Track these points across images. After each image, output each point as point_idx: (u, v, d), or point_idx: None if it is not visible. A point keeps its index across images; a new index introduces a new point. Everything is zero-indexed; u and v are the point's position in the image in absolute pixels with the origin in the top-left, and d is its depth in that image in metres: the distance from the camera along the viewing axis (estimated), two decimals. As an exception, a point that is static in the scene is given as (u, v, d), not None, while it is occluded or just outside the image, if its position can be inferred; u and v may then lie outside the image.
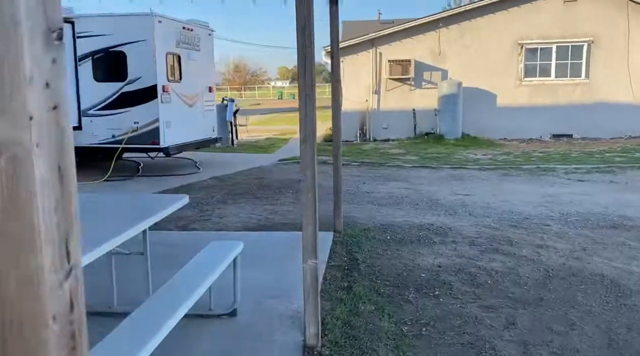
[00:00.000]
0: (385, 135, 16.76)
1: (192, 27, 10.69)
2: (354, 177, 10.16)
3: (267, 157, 13.28)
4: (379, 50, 16.49)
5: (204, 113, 11.34)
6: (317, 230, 3.38)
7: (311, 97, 3.23)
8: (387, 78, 16.46)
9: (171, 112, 9.92)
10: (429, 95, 16.44)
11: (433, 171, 10.83)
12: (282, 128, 23.13)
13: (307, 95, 3.21)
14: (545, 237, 6.07)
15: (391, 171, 10.85)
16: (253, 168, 11.19)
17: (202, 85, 11.24)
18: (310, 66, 3.20)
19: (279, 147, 15.98)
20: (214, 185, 9.31)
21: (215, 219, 6.94)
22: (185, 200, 4.06)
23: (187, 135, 10.54)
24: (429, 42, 16.34)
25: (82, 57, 9.63)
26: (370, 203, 7.87)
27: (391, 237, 6.03)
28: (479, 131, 16.02)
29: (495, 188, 8.90)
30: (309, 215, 3.30)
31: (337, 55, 5.77)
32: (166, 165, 11.68)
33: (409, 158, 12.92)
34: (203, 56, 11.26)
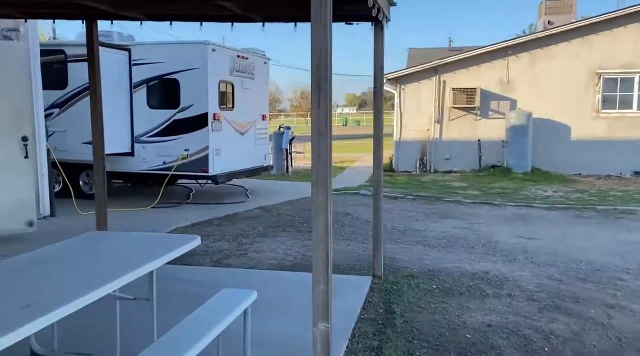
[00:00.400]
0: (447, 167, 15.99)
1: (247, 56, 10.58)
2: (407, 212, 9.54)
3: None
4: (443, 78, 15.85)
5: (256, 142, 11.14)
6: (331, 288, 2.88)
7: (326, 135, 2.79)
8: (451, 107, 15.77)
9: (222, 140, 9.76)
10: (496, 126, 15.57)
11: (495, 209, 10.02)
12: (342, 156, 22.77)
13: (321, 133, 2.77)
14: (619, 295, 5.23)
15: (449, 207, 10.13)
16: (303, 199, 10.80)
17: (255, 113, 11.08)
18: (326, 99, 2.76)
19: (335, 176, 15.56)
20: (259, 216, 8.99)
21: (252, 254, 6.56)
22: (196, 242, 3.69)
23: (238, 163, 10.34)
24: (497, 71, 15.54)
25: (138, 84, 9.69)
26: (419, 244, 7.25)
27: (438, 287, 5.39)
28: (551, 165, 14.93)
29: (564, 232, 8.01)
30: (319, 272, 2.82)
31: (381, 84, 5.30)
32: (217, 193, 11.54)
33: (470, 193, 12.12)
34: (257, 84, 11.12)
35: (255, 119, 11.11)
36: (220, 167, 9.71)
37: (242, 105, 10.50)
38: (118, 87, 9.49)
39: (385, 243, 7.18)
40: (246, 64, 10.58)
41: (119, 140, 9.60)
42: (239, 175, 10.55)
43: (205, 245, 6.91)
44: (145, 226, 7.93)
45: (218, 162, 9.62)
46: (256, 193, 11.65)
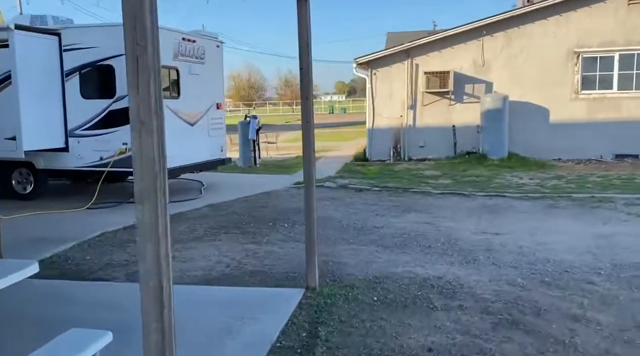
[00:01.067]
0: (421, 155, 15.26)
1: (194, 38, 9.73)
2: (369, 205, 8.80)
3: (285, 179, 12.11)
4: (415, 61, 15.07)
5: (209, 132, 10.32)
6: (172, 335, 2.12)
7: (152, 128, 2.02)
8: (423, 91, 15.00)
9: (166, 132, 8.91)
10: (470, 110, 14.84)
11: (464, 200, 9.31)
12: (320, 144, 21.97)
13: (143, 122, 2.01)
14: (586, 303, 4.54)
15: (414, 199, 9.41)
16: (260, 194, 10.04)
17: (207, 101, 10.25)
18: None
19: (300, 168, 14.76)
20: (204, 216, 8.21)
21: (178, 263, 5.78)
22: (32, 269, 2.91)
23: (186, 156, 9.52)
24: (471, 52, 14.78)
25: (69, 71, 8.82)
26: (373, 243, 6.51)
27: (379, 298, 4.66)
28: (528, 150, 14.25)
29: (534, 226, 7.32)
30: (150, 315, 2.05)
31: (307, 64, 4.52)
32: (170, 189, 10.69)
33: (441, 182, 11.40)
34: (209, 70, 10.27)
35: (207, 108, 10.28)
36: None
37: (189, 93, 9.67)
38: (46, 76, 8.64)
39: (335, 244, 6.47)
40: (194, 48, 9.73)
41: (50, 134, 8.76)
42: (188, 169, 9.74)
43: (128, 254, 6.13)
44: (67, 231, 7.13)
45: (161, 156, 8.78)
46: (213, 189, 10.86)
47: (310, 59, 4.54)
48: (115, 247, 6.41)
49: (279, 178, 12.51)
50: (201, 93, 10.02)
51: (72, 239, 6.64)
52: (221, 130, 10.82)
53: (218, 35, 10.73)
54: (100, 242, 6.64)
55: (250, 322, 4.04)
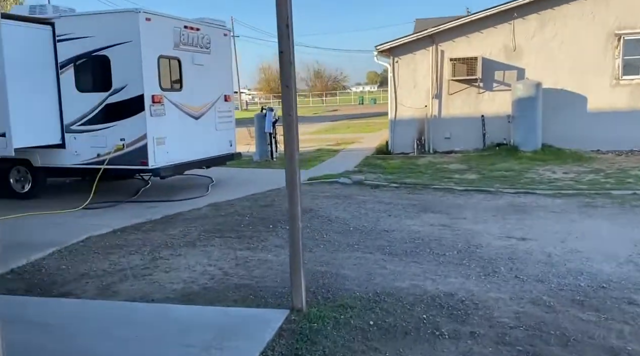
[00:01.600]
0: (447, 147, 14.38)
1: (198, 27, 9.13)
2: (382, 205, 8.07)
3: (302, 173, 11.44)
4: (440, 47, 14.15)
5: (216, 126, 9.74)
6: None
7: None
8: (449, 79, 14.09)
9: (165, 126, 8.39)
10: (501, 98, 13.87)
11: (489, 197, 8.48)
12: (343, 136, 21.29)
13: None
14: (627, 331, 3.76)
15: (434, 197, 8.63)
16: (268, 191, 9.41)
17: (214, 93, 9.66)
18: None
19: (323, 160, 14.11)
20: (203, 216, 7.63)
21: (159, 274, 5.21)
22: None
23: (190, 152, 8.98)
24: (502, 37, 13.77)
25: (64, 63, 8.35)
26: (380, 250, 5.80)
27: (377, 322, 3.97)
28: (564, 141, 13.22)
29: (566, 229, 6.47)
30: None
31: (287, 47, 3.83)
32: (174, 186, 10.20)
33: (466, 177, 10.55)
34: (216, 60, 9.67)
35: (214, 100, 9.70)
36: (164, 158, 8.36)
37: (193, 85, 9.10)
38: (39, 68, 8.18)
39: (338, 251, 5.80)
40: (197, 36, 9.14)
41: (45, 129, 8.32)
42: (192, 166, 9.19)
43: (109, 262, 5.59)
44: (53, 234, 6.65)
45: (160, 152, 8.27)
46: (221, 185, 10.30)
47: (291, 42, 3.85)
48: (98, 254, 5.88)
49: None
50: (207, 85, 9.44)
51: (54, 244, 6.14)
52: (230, 123, 10.23)
53: (226, 22, 10.11)
54: (83, 248, 6.12)
55: (215, 353, 3.41)
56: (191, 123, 9.09)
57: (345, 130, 25.10)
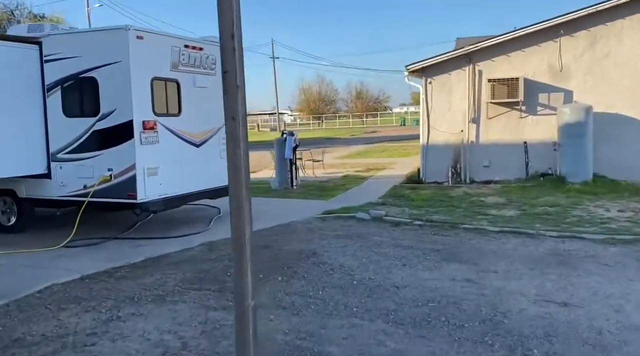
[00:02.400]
0: (486, 176, 13.07)
1: (200, 46, 8.33)
2: (400, 249, 6.92)
3: (316, 206, 10.44)
4: (478, 67, 12.95)
5: (221, 154, 8.85)
6: None
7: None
8: (488, 102, 12.84)
9: (159, 155, 7.56)
10: (545, 123, 12.52)
11: (528, 242, 7.20)
12: (375, 161, 20.18)
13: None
14: None
15: (463, 240, 7.42)
16: (276, 227, 8.43)
17: (218, 118, 8.76)
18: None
19: (347, 189, 13.05)
20: (190, 260, 6.68)
21: (104, 344, 4.24)
22: None
23: (190, 183, 8.12)
24: (546, 55, 12.47)
25: (51, 86, 7.66)
26: (382, 316, 4.67)
27: None
28: (619, 172, 11.72)
29: (622, 291, 5.18)
30: None
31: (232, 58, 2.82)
32: (174, 219, 9.34)
33: (504, 213, 9.27)
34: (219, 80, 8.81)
35: (220, 126, 8.83)
36: (156, 191, 7.50)
37: (194, 109, 8.27)
38: (23, 90, 7.52)
39: (331, 315, 4.75)
40: (200, 56, 8.33)
41: (29, 158, 7.62)
42: (191, 198, 8.32)
43: (56, 323, 4.68)
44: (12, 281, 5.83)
45: (152, 184, 7.42)
46: (227, 219, 9.37)
47: (238, 58, 2.84)
48: (49, 311, 4.99)
49: (310, 204, 10.86)
50: (210, 109, 8.58)
51: (4, 296, 5.30)
52: (238, 150, 9.32)
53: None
54: (37, 302, 5.25)
55: None
56: (191, 151, 8.24)
57: (379, 154, 23.98)
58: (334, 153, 25.51)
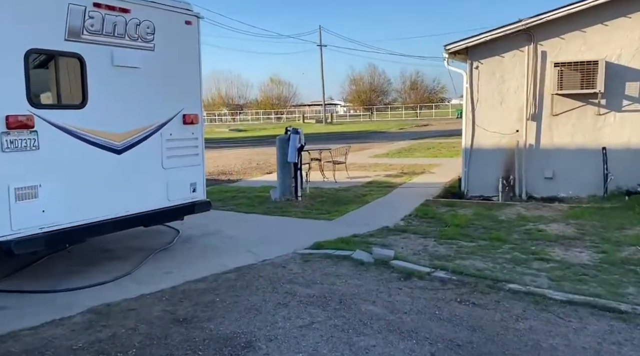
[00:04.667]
0: (549, 191, 9.92)
1: (124, 6, 5.72)
2: (399, 339, 4.08)
3: (311, 230, 7.74)
4: (541, 47, 9.78)
5: (163, 163, 6.28)
6: None
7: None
8: (554, 94, 9.67)
9: (40, 167, 5.04)
10: (634, 123, 9.25)
11: (620, 328, 4.20)
12: (414, 162, 17.15)
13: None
14: None
15: (505, 317, 4.48)
16: (228, 274, 5.77)
17: (159, 112, 6.22)
18: None
19: (366, 202, 10.22)
20: (45, 346, 4.10)
21: None
22: None
23: (102, 207, 5.59)
24: (636, 31, 9.17)
25: None
26: None
27: None
28: None
29: None
30: None
31: None
32: (111, 250, 6.83)
33: (573, 257, 6.21)
34: (166, 61, 6.24)
35: (160, 123, 6.25)
36: (35, 222, 4.99)
37: (111, 98, 5.70)
38: None
39: None
40: (124, 21, 5.75)
41: None
42: (106, 229, 5.75)
43: None
44: None
45: (26, 211, 4.91)
46: (183, 248, 6.80)
47: None
48: None
49: (304, 227, 8.16)
50: (144, 99, 6.00)
51: None
52: (193, 157, 6.71)
53: (191, 5, 6.63)
54: None
55: None
56: (106, 159, 5.67)
57: (423, 153, 20.85)
58: (371, 150, 22.62)
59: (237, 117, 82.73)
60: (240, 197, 11.01)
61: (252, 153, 22.26)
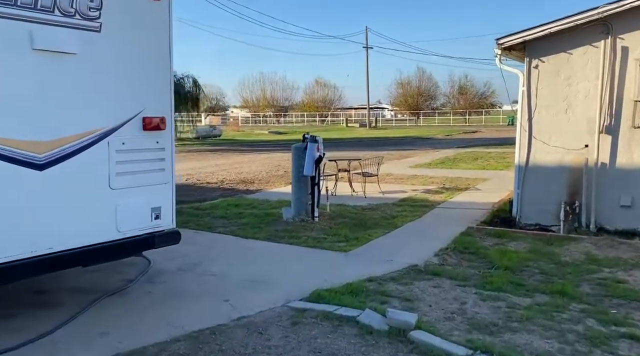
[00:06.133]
0: (626, 222, 7.87)
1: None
2: None
3: (317, 269, 6.09)
4: (621, 41, 7.76)
5: (110, 181, 4.74)
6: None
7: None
8: (636, 100, 7.64)
9: None
10: None
11: None
12: (457, 175, 15.19)
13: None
14: None
15: None
16: (187, 340, 4.15)
17: (103, 114, 4.69)
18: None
19: (396, 226, 8.47)
20: None
21: None
22: None
23: (7, 244, 4.06)
24: None
25: None
26: None
27: None
28: None
29: None
30: None
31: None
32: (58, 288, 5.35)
33: (680, 339, 4.28)
34: (119, 46, 4.72)
35: (107, 129, 4.71)
36: None
37: (30, 95, 4.21)
38: None
39: None
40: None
41: None
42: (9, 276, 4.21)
43: None
44: None
45: None
46: (133, 294, 5.25)
47: None
48: None
49: (314, 261, 6.53)
50: (80, 97, 4.50)
51: None
52: (158, 173, 5.14)
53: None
54: None
55: None
56: (22, 178, 4.17)
57: (469, 164, 18.78)
58: (412, 159, 20.72)
59: (282, 119, 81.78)
60: (247, 214, 9.44)
61: (283, 159, 20.74)
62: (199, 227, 8.31)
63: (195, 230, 8.05)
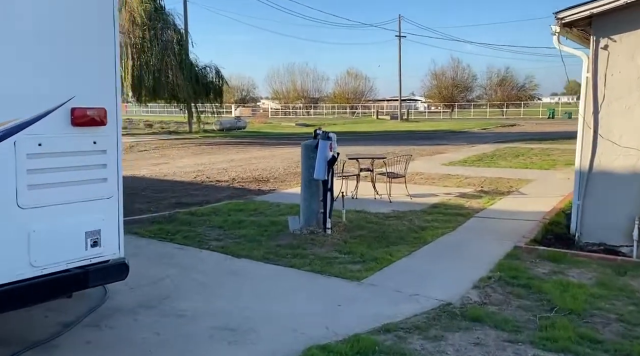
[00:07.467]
0: None
1: None
2: None
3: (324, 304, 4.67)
4: None
5: (18, 197, 3.36)
6: None
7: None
8: None
9: None
10: None
11: None
12: (497, 175, 13.49)
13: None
14: None
15: None
16: None
17: (7, 103, 3.30)
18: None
19: (423, 241, 6.95)
20: None
21: None
22: None
23: None
24: None
25: None
26: None
27: None
28: None
29: None
30: None
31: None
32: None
33: None
34: (34, 11, 3.34)
35: (7, 124, 3.32)
36: None
37: None
38: None
39: None
40: None
41: None
42: None
43: None
44: None
45: None
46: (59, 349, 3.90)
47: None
48: None
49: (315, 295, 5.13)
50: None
51: None
52: (97, 184, 3.77)
53: None
54: None
55: None
56: None
57: (509, 161, 16.98)
58: (445, 156, 19.01)
59: (312, 110, 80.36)
60: (249, 223, 8.04)
61: (305, 154, 19.28)
62: (186, 240, 6.95)
63: (180, 246, 6.69)
